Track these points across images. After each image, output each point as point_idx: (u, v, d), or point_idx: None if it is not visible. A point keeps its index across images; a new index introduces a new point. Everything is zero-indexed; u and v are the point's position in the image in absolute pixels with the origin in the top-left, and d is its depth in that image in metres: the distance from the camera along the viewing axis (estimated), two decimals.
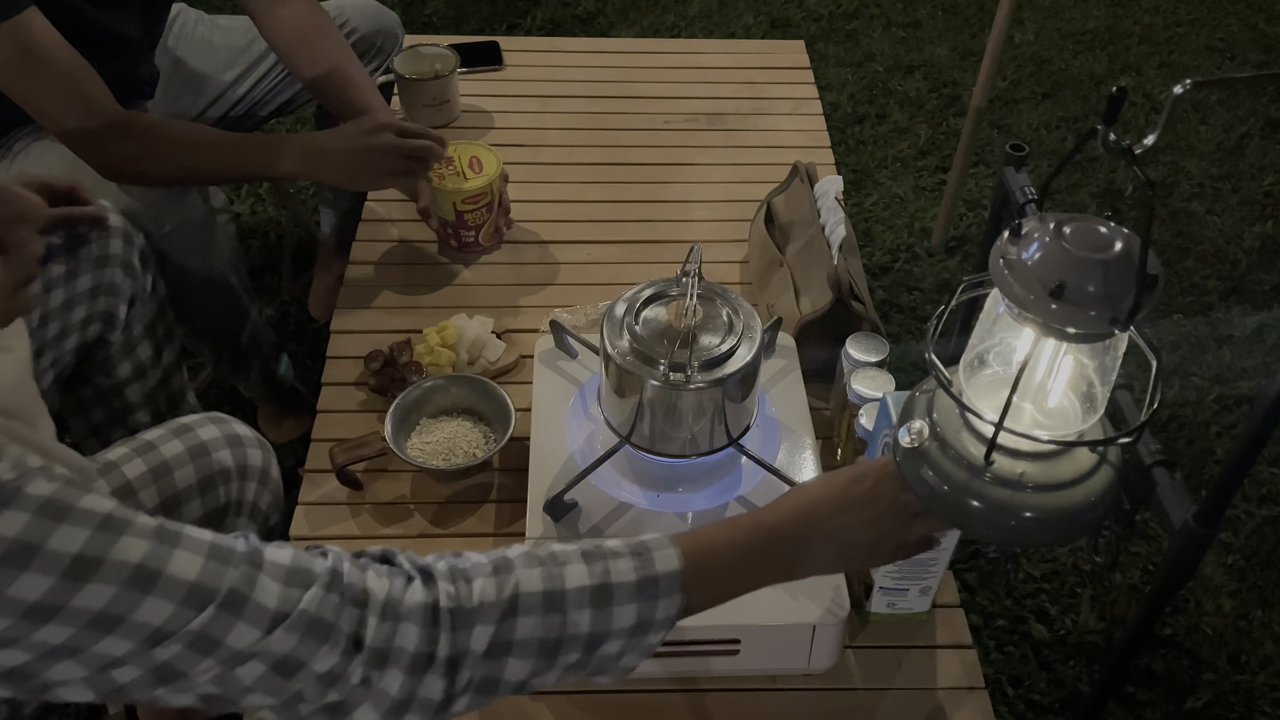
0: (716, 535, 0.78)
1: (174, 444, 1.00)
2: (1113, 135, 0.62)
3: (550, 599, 0.70)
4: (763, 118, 1.74)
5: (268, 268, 2.10)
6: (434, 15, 2.90)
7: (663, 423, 0.98)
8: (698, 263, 0.96)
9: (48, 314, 1.14)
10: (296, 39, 1.45)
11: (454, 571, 0.70)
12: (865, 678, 1.02)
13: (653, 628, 0.73)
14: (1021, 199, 1.38)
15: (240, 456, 1.05)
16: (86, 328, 1.21)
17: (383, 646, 0.66)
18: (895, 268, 2.20)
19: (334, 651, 0.64)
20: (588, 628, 0.71)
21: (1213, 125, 2.60)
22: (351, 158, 1.33)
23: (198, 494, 1.01)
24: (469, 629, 0.68)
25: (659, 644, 0.74)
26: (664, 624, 0.73)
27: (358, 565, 0.68)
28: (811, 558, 0.80)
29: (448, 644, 0.67)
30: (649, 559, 0.73)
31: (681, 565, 0.73)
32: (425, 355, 1.26)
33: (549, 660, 0.71)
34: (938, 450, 0.73)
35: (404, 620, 0.66)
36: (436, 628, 0.67)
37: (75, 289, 1.17)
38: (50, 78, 1.21)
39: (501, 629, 0.69)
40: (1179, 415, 1.91)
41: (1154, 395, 0.71)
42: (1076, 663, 1.55)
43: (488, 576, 0.70)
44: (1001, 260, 0.66)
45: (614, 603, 0.71)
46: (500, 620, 0.69)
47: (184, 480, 1.00)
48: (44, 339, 1.14)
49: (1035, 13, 2.99)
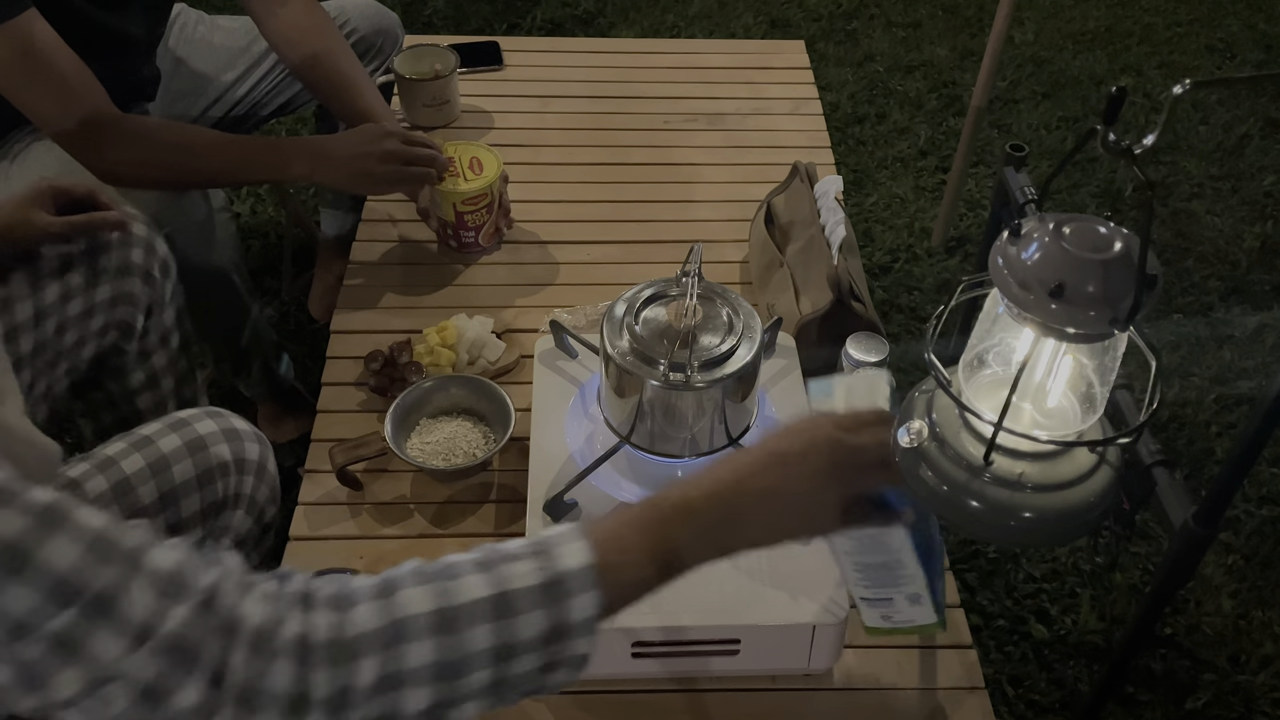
0: (635, 517, 0.70)
1: (171, 438, 1.00)
2: (1113, 135, 0.61)
3: (442, 618, 0.63)
4: (763, 118, 1.74)
5: (268, 268, 2.10)
6: (434, 15, 2.90)
7: (663, 423, 0.98)
8: (698, 263, 0.96)
9: (65, 322, 1.14)
10: (296, 39, 1.45)
11: (336, 598, 0.63)
12: (865, 678, 1.02)
13: (572, 633, 0.65)
14: (1021, 199, 1.38)
15: (238, 450, 1.05)
16: (104, 336, 1.21)
17: (248, 685, 0.58)
18: (895, 268, 2.20)
19: (198, 685, 0.57)
20: (489, 643, 0.63)
21: (1213, 125, 2.60)
22: (357, 164, 1.33)
23: (196, 488, 1.01)
24: (350, 663, 0.60)
25: (591, 651, 0.67)
26: (584, 628, 0.65)
27: (242, 584, 0.61)
28: (745, 527, 0.72)
29: (325, 682, 0.60)
30: (552, 557, 0.65)
31: (592, 559, 0.65)
32: (425, 355, 1.26)
33: (452, 685, 0.63)
34: (937, 450, 0.73)
35: (276, 656, 0.59)
36: (308, 665, 0.59)
37: (95, 298, 1.17)
38: (47, 81, 1.20)
39: (388, 659, 0.61)
40: (1179, 415, 1.91)
41: (1154, 395, 0.71)
42: (1076, 663, 1.55)
43: (370, 601, 0.63)
44: (1001, 260, 0.66)
45: (517, 612, 0.64)
46: (385, 649, 0.61)
47: (182, 475, 1.00)
48: (61, 347, 1.14)
49: (1035, 13, 2.99)
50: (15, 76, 1.20)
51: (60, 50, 1.20)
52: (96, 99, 1.24)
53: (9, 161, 1.38)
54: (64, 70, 1.21)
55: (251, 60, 1.63)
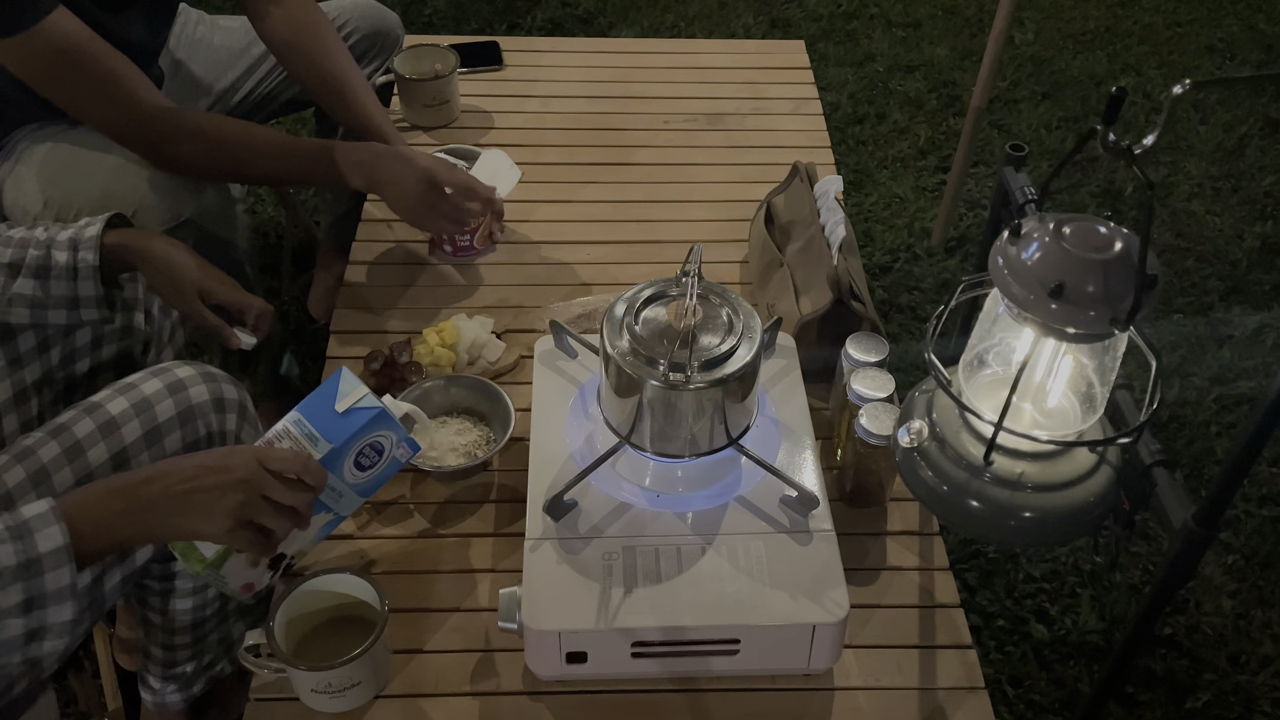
0: (105, 485, 0.86)
1: (153, 382, 1.04)
2: (1112, 135, 0.62)
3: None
4: (763, 118, 1.74)
5: (268, 268, 2.10)
6: (434, 15, 2.90)
7: (663, 423, 0.98)
8: (698, 263, 0.96)
9: (74, 352, 1.15)
10: (291, 39, 1.45)
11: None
12: (865, 678, 1.02)
13: (49, 599, 0.81)
14: (1021, 199, 1.38)
15: (216, 391, 1.07)
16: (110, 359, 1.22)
17: None
18: (895, 268, 2.20)
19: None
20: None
21: (1213, 125, 2.60)
22: (415, 209, 1.33)
23: (178, 425, 1.04)
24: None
25: (75, 612, 0.83)
26: (59, 595, 0.81)
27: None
28: (151, 516, 0.85)
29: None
30: (31, 542, 0.80)
31: (66, 540, 0.81)
32: (425, 355, 1.26)
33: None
34: (937, 450, 0.73)
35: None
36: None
37: (103, 329, 1.18)
38: (88, 76, 1.20)
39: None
40: (1179, 415, 1.91)
41: (1154, 395, 0.72)
42: (1076, 663, 1.55)
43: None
44: (1001, 260, 0.66)
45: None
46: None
47: (164, 413, 1.03)
48: (73, 375, 1.15)
49: (1035, 13, 2.99)
50: (54, 78, 1.19)
51: (96, 44, 1.19)
52: (141, 91, 1.24)
53: (11, 161, 1.38)
54: (103, 65, 1.20)
55: (252, 61, 1.63)
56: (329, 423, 0.93)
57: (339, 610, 1.03)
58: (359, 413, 0.93)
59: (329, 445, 0.92)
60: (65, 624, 0.84)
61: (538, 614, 0.94)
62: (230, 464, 0.86)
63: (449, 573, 1.10)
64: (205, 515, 0.85)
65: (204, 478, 0.85)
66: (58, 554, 0.81)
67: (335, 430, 0.93)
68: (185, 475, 0.85)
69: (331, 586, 1.01)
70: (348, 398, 0.94)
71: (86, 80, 1.21)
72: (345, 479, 0.94)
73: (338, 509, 0.96)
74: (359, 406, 0.94)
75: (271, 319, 1.20)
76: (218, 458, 0.87)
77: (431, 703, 0.99)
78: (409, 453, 0.98)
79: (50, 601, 0.82)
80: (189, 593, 1.17)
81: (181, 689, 1.24)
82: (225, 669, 1.28)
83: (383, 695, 1.00)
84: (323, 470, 0.90)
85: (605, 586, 0.95)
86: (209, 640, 1.23)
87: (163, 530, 0.87)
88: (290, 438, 0.92)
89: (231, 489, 0.85)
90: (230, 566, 0.92)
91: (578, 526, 1.00)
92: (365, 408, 0.94)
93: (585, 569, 0.96)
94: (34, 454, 0.96)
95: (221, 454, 0.88)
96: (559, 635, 0.93)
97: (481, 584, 1.09)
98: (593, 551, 0.97)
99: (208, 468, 0.86)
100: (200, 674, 1.25)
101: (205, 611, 1.20)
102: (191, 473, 0.86)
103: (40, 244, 1.05)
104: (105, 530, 0.84)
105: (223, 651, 1.26)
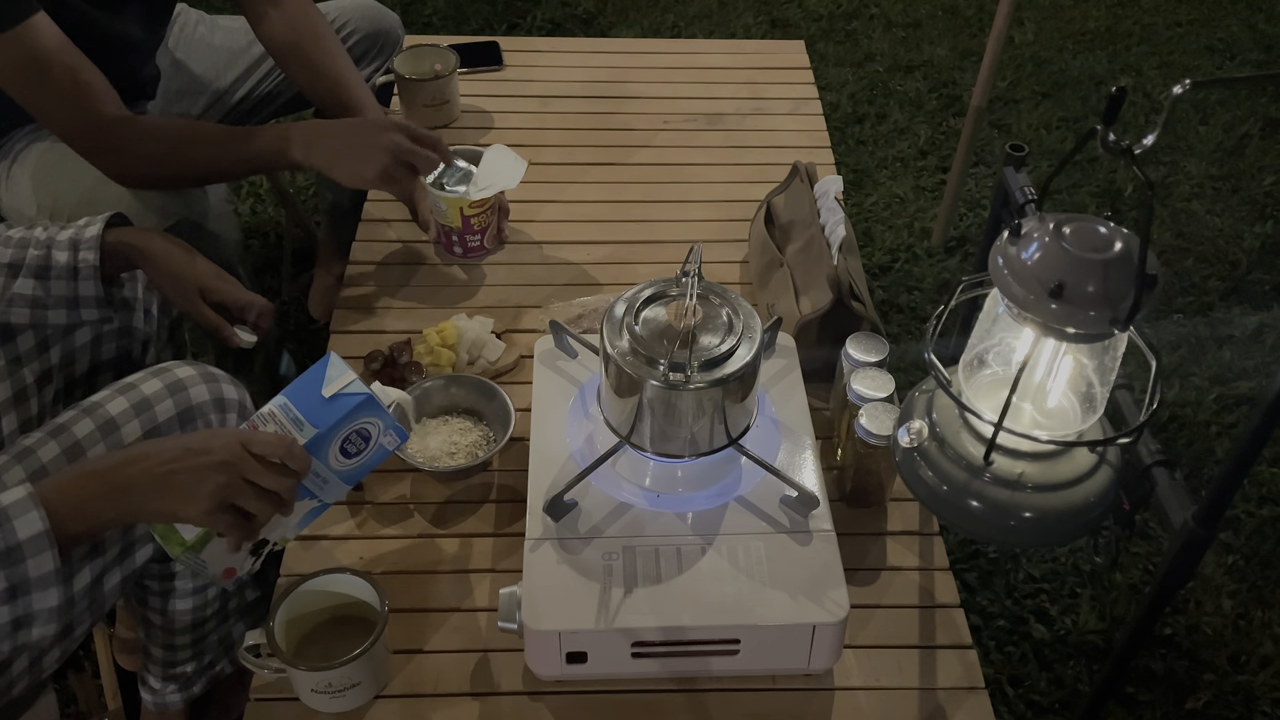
0: (83, 468, 0.85)
1: (153, 382, 1.03)
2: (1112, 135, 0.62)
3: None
4: (762, 118, 1.74)
5: (268, 268, 2.10)
6: (434, 15, 2.90)
7: (662, 423, 0.98)
8: (698, 263, 0.96)
9: (74, 351, 1.14)
10: (289, 42, 1.45)
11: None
12: (865, 678, 1.02)
13: (33, 585, 0.81)
14: (1021, 199, 1.38)
15: (215, 391, 1.07)
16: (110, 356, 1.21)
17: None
18: (895, 268, 2.20)
19: None
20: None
21: (1213, 125, 2.60)
22: (354, 150, 1.29)
23: (178, 425, 1.03)
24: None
25: (61, 598, 0.82)
26: (43, 581, 0.81)
27: None
28: (134, 498, 0.84)
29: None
30: (10, 529, 0.79)
31: (46, 525, 0.80)
32: (425, 355, 1.26)
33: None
34: (937, 450, 0.73)
35: None
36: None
37: (102, 329, 1.18)
38: (56, 84, 1.20)
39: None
40: (1179, 415, 1.91)
41: (1154, 395, 0.72)
42: (1076, 663, 1.55)
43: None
44: (1001, 260, 0.66)
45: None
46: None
47: (164, 413, 1.02)
48: (73, 374, 1.15)
49: (1035, 13, 2.99)
50: (23, 80, 1.19)
51: (68, 53, 1.20)
52: (105, 101, 1.23)
53: (9, 162, 1.38)
54: (72, 74, 1.20)
55: (251, 61, 1.63)
56: (315, 407, 0.91)
57: (339, 610, 1.03)
58: (346, 398, 0.92)
59: (314, 430, 0.90)
60: (52, 610, 0.83)
61: (538, 614, 0.94)
62: (212, 445, 0.85)
63: (449, 573, 1.10)
64: (185, 497, 0.83)
65: (185, 459, 0.84)
66: (38, 539, 0.80)
67: (321, 415, 0.91)
68: (166, 457, 0.84)
69: (331, 586, 1.01)
70: (335, 383, 0.92)
71: (54, 88, 1.21)
72: (330, 465, 0.93)
73: (322, 495, 0.95)
74: (346, 392, 0.92)
75: (272, 316, 1.19)
76: (200, 439, 0.86)
77: (431, 703, 0.99)
78: (397, 440, 0.96)
79: (34, 588, 0.81)
80: (189, 593, 1.17)
81: (182, 689, 1.24)
82: (225, 669, 1.28)
83: (383, 695, 1.00)
84: (307, 455, 0.89)
85: (605, 586, 0.95)
86: (209, 640, 1.23)
87: (143, 512, 0.86)
88: (275, 421, 0.91)
89: (213, 471, 0.84)
90: (211, 551, 0.91)
91: (578, 526, 1.00)
92: (352, 393, 0.92)
93: (585, 569, 0.96)
94: (33, 454, 0.96)
95: (204, 436, 0.87)
96: (559, 635, 0.93)
97: (481, 584, 1.09)
98: (593, 552, 0.97)
99: (189, 449, 0.85)
100: (200, 674, 1.25)
101: (205, 612, 1.20)
102: (173, 454, 0.84)
103: (40, 244, 1.05)
104: (85, 513, 0.83)
105: (223, 651, 1.26)
